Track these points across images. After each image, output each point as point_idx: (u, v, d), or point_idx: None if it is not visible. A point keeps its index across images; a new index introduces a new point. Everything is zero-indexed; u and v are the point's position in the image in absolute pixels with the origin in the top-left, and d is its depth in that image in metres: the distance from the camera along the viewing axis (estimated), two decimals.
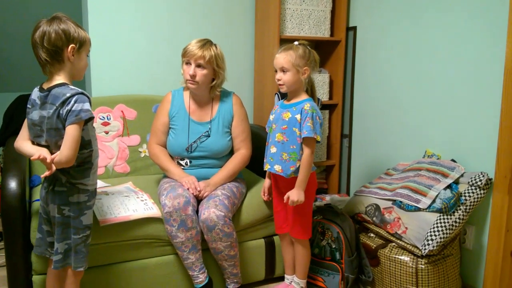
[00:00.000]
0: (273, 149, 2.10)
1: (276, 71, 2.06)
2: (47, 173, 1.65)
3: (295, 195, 2.01)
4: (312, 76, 2.13)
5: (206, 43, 2.25)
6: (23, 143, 1.75)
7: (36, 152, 1.65)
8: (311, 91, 2.13)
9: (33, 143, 1.75)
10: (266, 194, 2.27)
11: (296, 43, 2.05)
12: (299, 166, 2.02)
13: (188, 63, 2.26)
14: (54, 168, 1.64)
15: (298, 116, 2.01)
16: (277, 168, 2.07)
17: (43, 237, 1.82)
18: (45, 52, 1.63)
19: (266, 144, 2.17)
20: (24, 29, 4.66)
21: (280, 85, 2.05)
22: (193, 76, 2.24)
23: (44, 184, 1.77)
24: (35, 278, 1.99)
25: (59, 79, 1.68)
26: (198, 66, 2.23)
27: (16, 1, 4.97)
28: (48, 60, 1.65)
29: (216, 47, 2.28)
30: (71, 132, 1.62)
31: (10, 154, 2.15)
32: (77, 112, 1.62)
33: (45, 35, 1.63)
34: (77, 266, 1.77)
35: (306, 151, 2.00)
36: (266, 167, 2.15)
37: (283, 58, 2.01)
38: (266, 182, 2.26)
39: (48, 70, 1.69)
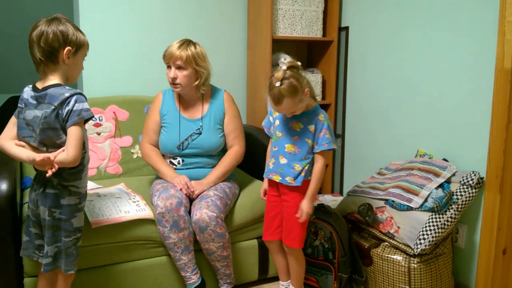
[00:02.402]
0: (283, 160, 2.03)
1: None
2: (50, 172, 1.62)
3: (307, 206, 1.98)
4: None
5: (184, 43, 2.25)
6: (7, 143, 1.73)
7: (37, 156, 1.63)
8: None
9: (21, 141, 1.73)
10: (264, 196, 2.19)
11: (277, 84, 1.84)
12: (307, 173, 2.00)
13: (169, 66, 2.26)
14: (56, 166, 1.63)
15: (311, 127, 1.97)
16: (289, 179, 2.02)
17: (30, 240, 1.80)
18: (40, 51, 1.63)
19: (270, 149, 2.11)
20: (17, 30, 4.65)
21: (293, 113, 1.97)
22: (174, 79, 2.24)
23: (34, 186, 1.75)
24: (27, 281, 1.98)
25: (53, 79, 1.67)
26: (178, 68, 2.23)
27: (9, 2, 4.95)
28: (43, 60, 1.64)
29: (195, 46, 2.26)
30: (75, 132, 1.63)
31: (1, 156, 2.13)
32: (79, 112, 1.63)
33: (42, 35, 1.62)
34: (68, 269, 1.76)
35: (321, 162, 1.99)
36: (277, 178, 2.05)
37: (284, 109, 1.92)
38: (266, 184, 2.17)
39: (42, 70, 1.68)
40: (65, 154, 1.63)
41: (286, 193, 2.07)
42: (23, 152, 1.69)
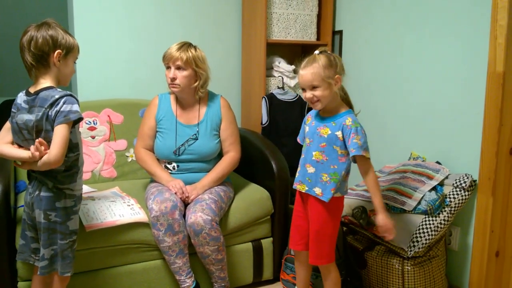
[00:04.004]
0: (310, 169, 1.91)
1: (304, 89, 1.86)
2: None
3: (387, 221, 1.83)
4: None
5: (184, 45, 2.26)
6: (2, 146, 1.73)
7: (25, 153, 1.65)
8: (345, 98, 1.94)
9: (20, 147, 1.74)
10: None
11: (316, 52, 1.85)
12: (338, 187, 1.88)
13: (168, 67, 2.27)
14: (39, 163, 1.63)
15: (339, 133, 1.83)
16: (317, 191, 1.88)
17: (26, 243, 1.81)
18: (31, 56, 1.66)
19: (302, 156, 1.99)
20: (9, 34, 4.64)
21: (314, 102, 1.85)
22: (173, 79, 2.25)
23: (29, 190, 1.76)
24: (21, 285, 1.97)
25: (45, 82, 1.69)
26: (178, 68, 2.24)
27: (3, 6, 4.94)
28: (34, 64, 1.67)
29: (195, 49, 2.28)
30: (60, 132, 1.63)
31: None
32: (66, 113, 1.63)
33: (32, 40, 1.65)
34: (64, 271, 1.77)
35: (368, 172, 1.84)
36: (303, 188, 1.94)
37: (310, 74, 1.80)
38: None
39: (33, 74, 1.70)
40: (48, 154, 1.63)
41: (312, 207, 1.95)
42: (22, 152, 1.69)
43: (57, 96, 1.64)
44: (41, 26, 1.67)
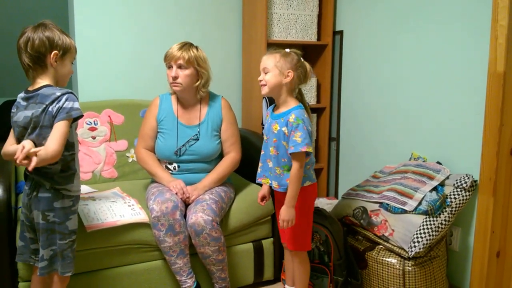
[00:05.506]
0: (270, 164, 2.02)
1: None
2: (32, 164, 1.58)
3: (284, 213, 1.91)
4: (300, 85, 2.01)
5: (185, 45, 2.27)
6: (7, 147, 1.73)
7: (17, 147, 1.62)
8: (300, 97, 2.02)
9: None
10: (260, 201, 2.14)
11: (287, 50, 1.97)
12: (304, 176, 1.95)
13: (170, 66, 2.27)
14: (34, 162, 1.58)
15: (285, 129, 1.91)
16: (274, 184, 2.00)
17: (26, 245, 1.80)
18: (28, 57, 1.67)
19: (262, 152, 2.09)
20: (9, 34, 4.63)
21: (261, 85, 1.97)
22: (175, 78, 2.25)
23: (27, 191, 1.75)
24: (21, 286, 1.97)
25: (43, 83, 1.70)
26: (180, 67, 2.24)
27: (3, 7, 4.94)
28: (31, 65, 1.68)
29: (196, 49, 2.28)
30: (60, 128, 1.63)
31: None
32: (68, 110, 1.64)
33: (29, 41, 1.66)
34: (65, 271, 1.77)
35: (294, 165, 1.88)
36: (267, 181, 2.04)
37: (266, 58, 1.95)
38: (262, 190, 2.12)
39: (31, 75, 1.71)
40: (45, 149, 1.60)
41: (279, 198, 2.05)
42: (16, 147, 1.67)
43: (58, 94, 1.66)
44: (37, 28, 1.68)
